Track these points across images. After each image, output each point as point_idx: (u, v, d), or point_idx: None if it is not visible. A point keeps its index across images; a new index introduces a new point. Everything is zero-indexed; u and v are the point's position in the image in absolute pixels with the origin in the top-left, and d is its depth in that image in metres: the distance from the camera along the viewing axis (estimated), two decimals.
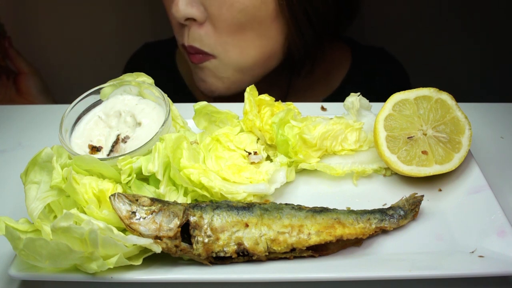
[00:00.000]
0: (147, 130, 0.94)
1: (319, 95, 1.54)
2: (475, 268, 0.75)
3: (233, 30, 1.26)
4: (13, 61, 1.56)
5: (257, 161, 0.96)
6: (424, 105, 0.97)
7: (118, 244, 0.73)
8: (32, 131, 1.21)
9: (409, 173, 0.92)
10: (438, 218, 0.87)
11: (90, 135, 0.96)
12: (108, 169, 0.86)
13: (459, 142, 0.93)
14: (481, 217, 0.84)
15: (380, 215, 0.84)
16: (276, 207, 0.82)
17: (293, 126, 0.96)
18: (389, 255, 0.81)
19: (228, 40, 1.28)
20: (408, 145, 0.94)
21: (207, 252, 0.77)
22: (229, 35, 1.27)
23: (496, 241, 0.79)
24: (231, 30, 1.26)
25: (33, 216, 0.77)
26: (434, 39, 1.89)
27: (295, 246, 0.78)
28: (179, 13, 1.23)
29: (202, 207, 0.80)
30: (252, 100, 1.01)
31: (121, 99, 1.00)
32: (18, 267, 0.75)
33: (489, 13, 1.83)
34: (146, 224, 0.76)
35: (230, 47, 1.29)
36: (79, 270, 0.75)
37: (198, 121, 1.03)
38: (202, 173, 0.87)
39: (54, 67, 1.94)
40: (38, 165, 0.81)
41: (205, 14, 1.25)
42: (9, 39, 1.56)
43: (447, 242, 0.82)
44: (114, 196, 0.78)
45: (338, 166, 0.98)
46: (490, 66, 1.93)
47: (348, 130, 1.00)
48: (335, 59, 1.55)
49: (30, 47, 1.85)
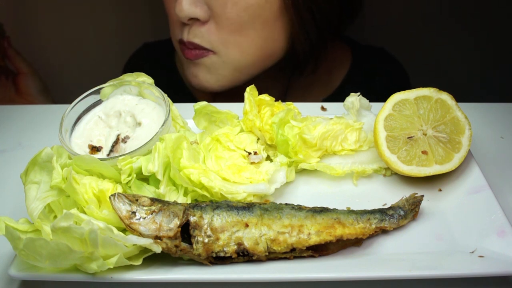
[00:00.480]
0: (147, 130, 0.94)
1: (319, 95, 1.54)
2: (475, 268, 0.75)
3: (235, 29, 1.25)
4: (12, 61, 1.55)
5: (257, 161, 0.96)
6: (424, 105, 0.97)
7: (118, 244, 0.73)
8: (32, 131, 1.21)
9: (409, 173, 0.92)
10: (438, 218, 0.87)
11: (90, 135, 0.96)
12: (108, 169, 0.86)
13: (459, 142, 0.93)
14: (481, 217, 0.84)
15: (380, 215, 0.84)
16: (276, 207, 0.82)
17: (293, 126, 0.96)
18: (389, 255, 0.81)
19: (230, 38, 1.27)
20: (408, 145, 0.94)
21: (207, 252, 0.77)
22: (231, 34, 1.26)
23: (496, 241, 0.79)
24: (234, 29, 1.25)
25: (33, 216, 0.77)
26: (434, 39, 1.89)
27: (295, 246, 0.78)
28: (182, 13, 1.23)
29: (202, 207, 0.80)
30: (252, 100, 1.01)
31: (121, 99, 1.00)
32: (18, 267, 0.75)
33: (489, 13, 1.83)
34: (146, 224, 0.76)
35: (231, 46, 1.29)
36: (79, 270, 0.75)
37: (198, 121, 1.03)
38: (202, 173, 0.87)
39: (54, 67, 1.94)
40: (38, 165, 0.81)
41: (208, 13, 1.24)
42: (8, 39, 1.56)
43: (447, 242, 0.82)
44: (114, 196, 0.78)
45: (338, 166, 0.98)
46: (490, 66, 1.93)
47: (348, 130, 1.00)
48: (336, 58, 1.55)
49: (29, 47, 1.85)
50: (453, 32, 1.87)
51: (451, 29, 1.87)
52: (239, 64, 1.33)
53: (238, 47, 1.29)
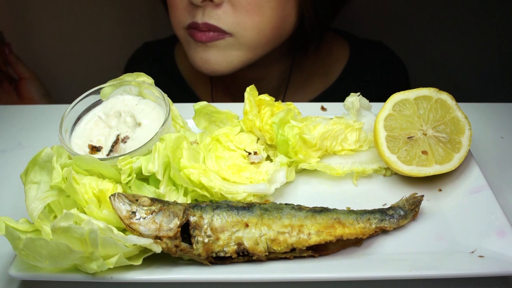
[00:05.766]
0: (147, 130, 0.94)
1: (318, 89, 1.54)
2: (475, 268, 0.75)
3: (252, 9, 1.25)
4: (13, 67, 1.55)
5: (257, 161, 0.96)
6: (424, 105, 0.97)
7: (118, 244, 0.73)
8: (32, 131, 1.21)
9: (409, 173, 0.92)
10: (438, 218, 0.87)
11: (90, 135, 0.96)
12: (108, 169, 0.86)
13: (459, 142, 0.93)
14: (481, 217, 0.84)
15: (380, 215, 0.84)
16: (276, 207, 0.82)
17: (293, 126, 0.96)
18: (389, 255, 0.81)
19: (247, 19, 1.27)
20: (408, 145, 0.94)
21: (207, 252, 0.77)
22: (248, 14, 1.26)
23: (496, 241, 0.79)
24: (251, 9, 1.25)
25: (33, 216, 0.77)
26: (434, 39, 1.89)
27: (295, 246, 0.78)
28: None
29: (202, 207, 0.80)
30: (252, 100, 1.01)
31: (121, 99, 1.00)
32: (18, 267, 0.75)
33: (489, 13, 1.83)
34: (146, 224, 0.76)
35: (249, 27, 1.28)
36: (79, 270, 0.75)
37: (198, 121, 1.03)
38: (202, 173, 0.87)
39: (55, 68, 1.95)
40: (38, 165, 0.81)
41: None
42: (9, 45, 1.56)
43: (447, 242, 0.82)
44: (114, 196, 0.78)
45: (338, 166, 0.97)
46: (490, 66, 1.93)
47: (348, 130, 1.00)
48: (334, 52, 1.56)
49: (30, 50, 1.85)
50: (453, 32, 1.87)
51: (452, 29, 1.87)
52: (255, 44, 1.32)
53: (255, 27, 1.28)
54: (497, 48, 1.88)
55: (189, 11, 1.30)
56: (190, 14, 1.30)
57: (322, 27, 1.42)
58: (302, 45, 1.45)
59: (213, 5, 1.25)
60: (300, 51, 1.48)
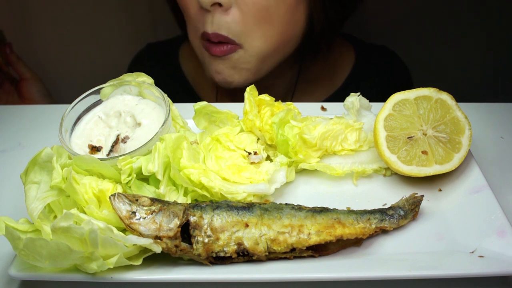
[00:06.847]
0: (147, 130, 0.94)
1: (324, 93, 1.54)
2: (475, 268, 0.75)
3: (261, 16, 1.25)
4: (14, 67, 1.55)
5: (257, 161, 0.96)
6: (424, 105, 0.97)
7: (118, 244, 0.73)
8: (32, 131, 1.21)
9: (409, 173, 0.92)
10: (438, 218, 0.87)
11: (90, 135, 0.96)
12: (108, 169, 0.86)
13: (459, 142, 0.93)
14: (481, 217, 0.84)
15: (380, 215, 0.84)
16: (276, 207, 0.82)
17: (293, 126, 0.96)
18: (389, 255, 0.81)
19: (254, 27, 1.27)
20: (408, 145, 0.94)
21: (207, 252, 0.77)
22: (256, 22, 1.26)
23: (496, 241, 0.79)
24: (259, 16, 1.25)
25: (33, 216, 0.77)
26: (434, 39, 1.89)
27: (295, 246, 0.78)
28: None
29: (202, 207, 0.80)
30: (252, 100, 1.01)
31: (121, 99, 1.00)
32: (18, 267, 0.75)
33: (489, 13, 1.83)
34: (146, 224, 0.76)
35: (256, 35, 1.28)
36: (79, 270, 0.75)
37: (198, 121, 1.03)
38: (202, 173, 0.87)
39: (55, 68, 1.94)
40: (38, 165, 0.81)
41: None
42: (10, 45, 1.56)
43: (447, 242, 0.82)
44: (114, 196, 0.78)
45: (338, 166, 0.97)
46: (490, 66, 1.93)
47: (348, 130, 1.00)
48: (339, 56, 1.56)
49: (31, 50, 1.85)
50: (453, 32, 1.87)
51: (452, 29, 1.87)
52: (263, 53, 1.32)
53: (262, 35, 1.29)
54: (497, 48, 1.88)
55: (199, 19, 1.30)
56: (201, 22, 1.30)
57: (333, 32, 1.41)
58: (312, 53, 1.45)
59: (222, 10, 1.25)
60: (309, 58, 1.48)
